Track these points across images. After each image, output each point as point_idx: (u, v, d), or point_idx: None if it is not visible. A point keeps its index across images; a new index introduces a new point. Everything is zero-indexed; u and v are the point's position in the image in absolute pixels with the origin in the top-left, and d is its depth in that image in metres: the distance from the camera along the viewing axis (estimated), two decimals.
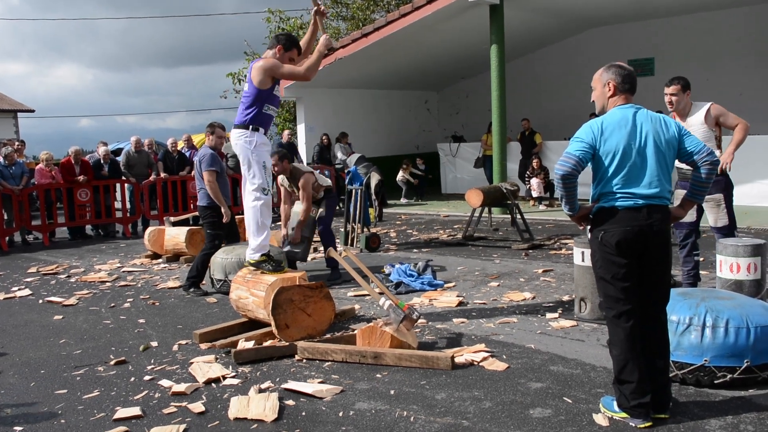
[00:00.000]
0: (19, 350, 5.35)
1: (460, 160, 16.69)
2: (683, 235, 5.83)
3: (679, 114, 5.65)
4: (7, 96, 34.25)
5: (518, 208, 9.51)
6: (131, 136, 12.76)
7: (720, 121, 5.55)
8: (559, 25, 16.04)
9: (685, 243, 5.83)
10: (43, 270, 8.93)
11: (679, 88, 5.54)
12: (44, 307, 6.85)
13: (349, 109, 17.39)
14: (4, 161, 11.46)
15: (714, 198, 5.56)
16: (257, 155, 5.41)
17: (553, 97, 17.37)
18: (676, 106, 5.60)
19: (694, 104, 5.61)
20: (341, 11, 23.56)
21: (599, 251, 3.52)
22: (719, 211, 5.60)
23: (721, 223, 5.60)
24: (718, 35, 15.07)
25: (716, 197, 5.57)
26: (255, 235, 5.47)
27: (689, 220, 5.72)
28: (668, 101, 5.59)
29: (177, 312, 6.38)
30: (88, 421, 3.85)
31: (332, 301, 5.17)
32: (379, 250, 9.23)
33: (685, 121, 5.59)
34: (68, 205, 11.89)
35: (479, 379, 4.22)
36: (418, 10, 12.85)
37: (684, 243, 5.84)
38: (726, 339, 3.78)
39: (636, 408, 3.40)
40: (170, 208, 12.42)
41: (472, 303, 6.16)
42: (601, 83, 3.62)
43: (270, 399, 3.93)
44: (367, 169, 11.29)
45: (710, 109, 5.52)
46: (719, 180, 5.51)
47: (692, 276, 5.86)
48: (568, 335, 5.07)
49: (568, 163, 3.43)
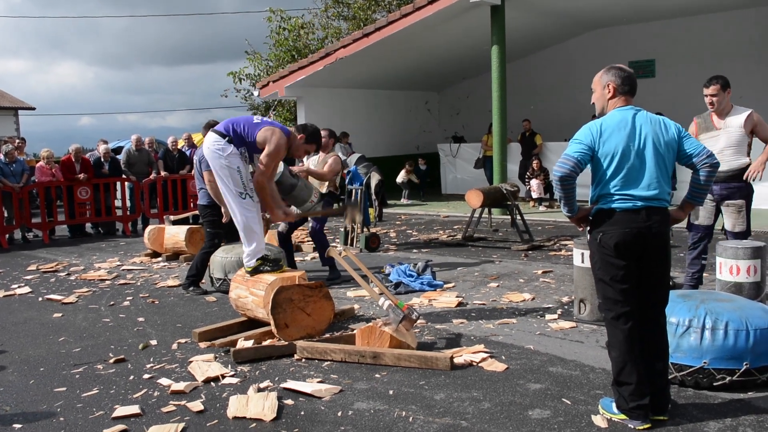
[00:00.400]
0: (18, 348, 5.35)
1: (461, 161, 16.69)
2: (696, 238, 5.78)
3: (718, 113, 5.57)
4: (8, 93, 34.27)
5: (518, 209, 9.51)
6: (132, 135, 12.76)
7: (755, 129, 5.50)
8: (560, 27, 16.05)
9: (697, 245, 5.78)
10: (43, 268, 8.93)
11: (718, 88, 5.47)
12: (44, 305, 6.85)
13: (350, 109, 17.39)
14: (4, 159, 11.46)
15: (736, 204, 5.52)
16: (228, 161, 5.30)
17: (553, 99, 17.38)
18: (717, 106, 5.52)
19: (734, 106, 5.56)
20: (342, 11, 23.58)
21: (598, 253, 3.52)
22: (739, 216, 5.55)
23: (739, 228, 5.56)
24: (719, 37, 15.08)
25: (738, 203, 5.53)
26: (247, 244, 5.44)
27: (705, 223, 5.68)
28: (709, 102, 5.52)
29: (176, 311, 6.39)
30: (87, 419, 3.85)
31: (332, 300, 5.17)
32: (379, 250, 9.23)
33: (723, 120, 5.54)
34: (68, 203, 11.90)
35: (478, 379, 4.22)
36: (419, 11, 12.86)
37: (695, 245, 5.79)
38: (725, 341, 3.78)
39: (635, 410, 3.40)
40: (170, 206, 12.42)
41: (472, 303, 6.16)
42: (601, 85, 3.62)
43: (269, 398, 3.94)
44: (367, 169, 11.29)
45: (751, 115, 5.48)
46: (742, 186, 5.50)
47: (695, 279, 5.85)
48: (568, 336, 5.07)
49: (566, 164, 3.43)
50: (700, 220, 5.70)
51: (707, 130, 5.64)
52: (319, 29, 23.57)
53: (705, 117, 5.72)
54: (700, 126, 5.72)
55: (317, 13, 23.99)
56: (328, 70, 14.92)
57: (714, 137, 5.55)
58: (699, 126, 5.73)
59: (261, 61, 23.21)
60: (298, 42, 22.69)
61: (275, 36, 22.70)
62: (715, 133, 5.59)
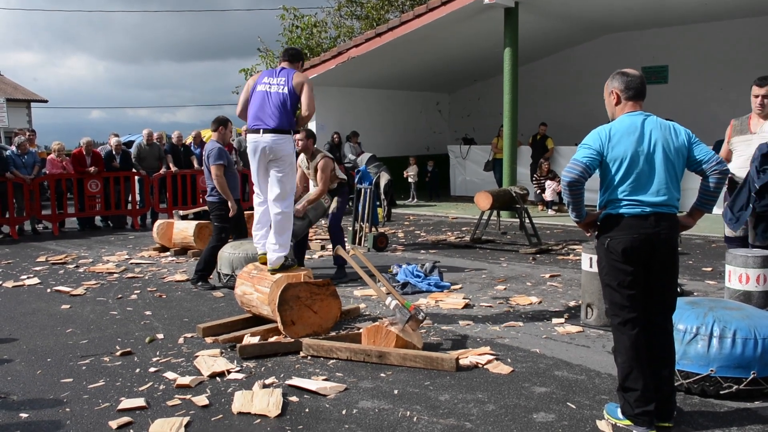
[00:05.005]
0: (26, 338, 5.39)
1: (470, 163, 16.68)
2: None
3: (764, 116, 5.34)
4: (21, 86, 34.50)
5: (527, 212, 9.49)
6: (143, 129, 12.83)
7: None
8: (573, 31, 16.00)
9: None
10: (52, 259, 8.99)
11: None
12: (52, 296, 6.89)
13: (361, 109, 17.40)
14: (17, 150, 11.54)
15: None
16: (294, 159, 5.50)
17: (565, 103, 17.33)
18: (765, 109, 5.31)
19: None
20: (355, 10, 23.60)
21: (605, 258, 3.50)
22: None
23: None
24: (732, 44, 15.00)
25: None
26: (280, 238, 5.41)
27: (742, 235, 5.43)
28: (759, 103, 5.29)
29: (183, 305, 6.41)
30: (92, 410, 3.87)
31: (339, 299, 5.18)
32: (387, 250, 9.23)
33: (760, 125, 5.33)
34: (78, 195, 11.96)
35: (483, 381, 4.22)
36: (432, 11, 12.84)
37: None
38: (733, 350, 3.76)
39: (640, 416, 3.38)
40: (179, 201, 12.47)
41: (479, 306, 6.16)
42: (607, 92, 3.61)
43: (274, 394, 3.95)
44: (377, 169, 11.31)
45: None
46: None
47: None
48: (574, 341, 5.05)
49: (575, 169, 3.41)
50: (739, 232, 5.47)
51: (741, 133, 5.46)
52: (332, 28, 23.61)
53: (743, 120, 5.52)
54: (735, 128, 5.53)
55: (330, 11, 24.05)
56: (340, 69, 14.92)
57: (747, 141, 5.38)
58: (734, 128, 5.54)
59: (273, 58, 23.25)
60: (310, 40, 22.71)
61: (288, 34, 22.75)
62: (749, 137, 5.39)
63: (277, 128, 5.30)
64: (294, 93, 5.36)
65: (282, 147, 5.33)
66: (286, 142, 5.35)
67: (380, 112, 18.10)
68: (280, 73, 5.45)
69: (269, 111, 5.32)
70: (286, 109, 5.34)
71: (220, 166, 7.01)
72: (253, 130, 5.37)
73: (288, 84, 5.36)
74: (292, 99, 5.37)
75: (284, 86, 5.36)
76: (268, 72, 5.54)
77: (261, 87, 5.42)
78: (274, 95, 5.35)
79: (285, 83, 5.36)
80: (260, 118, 5.33)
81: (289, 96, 5.35)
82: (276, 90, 5.36)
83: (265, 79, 5.45)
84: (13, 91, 32.94)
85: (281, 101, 5.33)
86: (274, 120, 5.29)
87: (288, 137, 5.37)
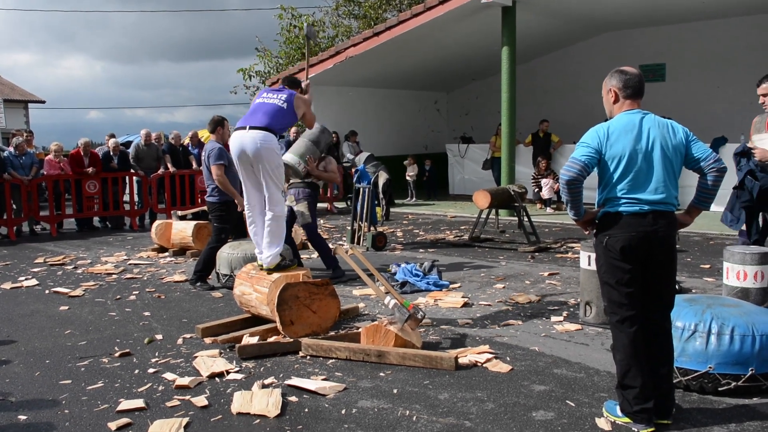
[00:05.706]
0: (25, 340, 5.39)
1: (469, 162, 16.68)
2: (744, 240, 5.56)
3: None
4: (19, 86, 34.45)
5: (525, 211, 9.49)
6: (141, 129, 12.83)
7: None
8: (570, 29, 15.99)
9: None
10: (50, 261, 8.98)
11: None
12: (50, 298, 6.88)
13: (359, 108, 17.39)
14: (14, 151, 11.53)
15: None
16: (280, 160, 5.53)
17: (563, 101, 17.33)
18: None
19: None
20: (353, 10, 23.60)
21: (604, 256, 3.51)
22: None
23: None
24: (730, 42, 15.00)
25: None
26: (275, 245, 5.43)
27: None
28: (762, 102, 5.31)
29: (182, 306, 6.41)
30: (91, 411, 3.87)
31: (338, 298, 5.18)
32: (386, 249, 9.23)
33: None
34: (76, 196, 11.95)
35: (482, 380, 4.22)
36: (430, 11, 12.84)
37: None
38: (731, 346, 3.77)
39: (639, 413, 3.39)
40: (178, 201, 12.47)
41: (477, 304, 6.16)
42: (606, 90, 3.61)
43: (273, 395, 3.95)
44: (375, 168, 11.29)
45: None
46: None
47: None
48: (573, 339, 5.06)
49: (573, 168, 3.42)
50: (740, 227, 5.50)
51: (758, 131, 5.44)
52: (330, 27, 23.61)
53: (763, 117, 5.48)
54: (755, 126, 5.50)
55: (328, 11, 24.06)
56: (338, 69, 14.92)
57: (763, 140, 5.36)
58: (754, 126, 5.51)
59: (271, 58, 23.26)
60: None
61: (285, 33, 22.75)
62: (765, 135, 5.37)
63: (262, 127, 5.33)
64: (291, 108, 5.45)
65: (265, 145, 5.29)
66: (270, 142, 5.33)
67: (378, 112, 18.10)
68: (282, 90, 5.61)
69: (259, 115, 5.40)
70: (278, 116, 5.41)
71: (221, 166, 7.01)
72: (239, 128, 5.40)
73: (288, 101, 5.48)
74: (287, 111, 5.45)
75: (284, 102, 5.47)
76: (269, 89, 5.70)
77: (259, 99, 5.57)
78: (270, 104, 5.47)
79: (285, 100, 5.49)
80: (249, 120, 5.41)
81: (285, 108, 5.44)
82: (273, 102, 5.48)
83: (265, 94, 5.60)
84: (11, 91, 32.88)
85: (275, 109, 5.43)
86: (263, 122, 5.36)
87: (273, 138, 5.36)
